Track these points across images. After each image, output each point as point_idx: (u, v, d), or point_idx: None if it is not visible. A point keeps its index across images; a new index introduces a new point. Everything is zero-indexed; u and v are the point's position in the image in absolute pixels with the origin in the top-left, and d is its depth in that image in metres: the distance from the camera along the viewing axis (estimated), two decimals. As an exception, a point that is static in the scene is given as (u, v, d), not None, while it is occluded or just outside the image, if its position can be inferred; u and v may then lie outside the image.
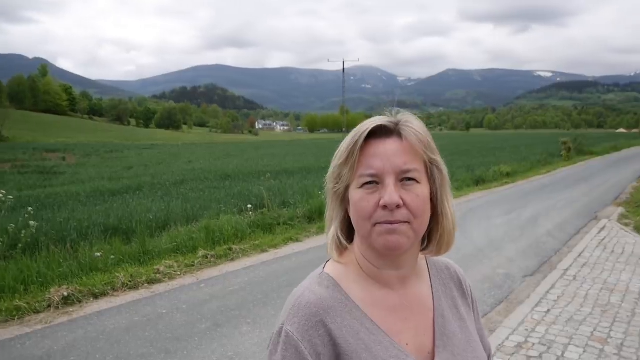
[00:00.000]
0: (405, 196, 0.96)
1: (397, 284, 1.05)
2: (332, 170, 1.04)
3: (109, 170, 25.03)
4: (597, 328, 5.17)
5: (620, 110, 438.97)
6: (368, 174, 0.97)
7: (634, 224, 10.72)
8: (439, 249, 1.08)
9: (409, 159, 0.98)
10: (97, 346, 4.86)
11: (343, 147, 1.01)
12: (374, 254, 1.02)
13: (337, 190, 1.04)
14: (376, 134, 1.00)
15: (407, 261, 1.05)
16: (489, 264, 7.91)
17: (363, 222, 0.98)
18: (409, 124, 1.01)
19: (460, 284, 1.21)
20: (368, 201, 0.96)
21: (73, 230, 8.36)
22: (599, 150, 40.23)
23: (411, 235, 0.97)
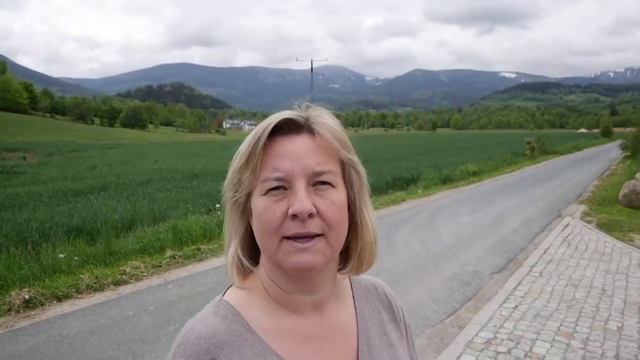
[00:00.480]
0: (318, 203, 0.81)
1: (310, 310, 0.90)
2: (230, 175, 0.88)
3: (72, 170, 24.46)
4: (563, 323, 5.27)
5: (581, 111, 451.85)
6: (273, 177, 0.81)
7: (596, 221, 11.01)
8: (359, 265, 0.93)
9: (322, 159, 0.83)
10: (60, 350, 4.71)
11: (243, 147, 0.85)
12: (282, 275, 0.86)
13: (237, 200, 0.87)
14: (283, 130, 0.84)
15: (323, 283, 0.89)
16: (457, 261, 7.99)
17: (268, 236, 0.81)
18: (322, 119, 0.86)
19: (390, 305, 1.05)
20: (274, 210, 0.80)
21: (34, 231, 8.14)
22: (562, 150, 41.29)
23: (327, 252, 0.82)
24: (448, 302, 6.14)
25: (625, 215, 11.53)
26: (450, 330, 5.26)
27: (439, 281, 6.95)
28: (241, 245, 0.90)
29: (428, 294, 6.42)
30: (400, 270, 7.39)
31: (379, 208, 13.14)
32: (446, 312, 5.79)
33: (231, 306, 0.88)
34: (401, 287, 6.61)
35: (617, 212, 12.04)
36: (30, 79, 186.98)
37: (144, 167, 25.88)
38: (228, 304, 0.89)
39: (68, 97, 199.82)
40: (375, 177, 17.67)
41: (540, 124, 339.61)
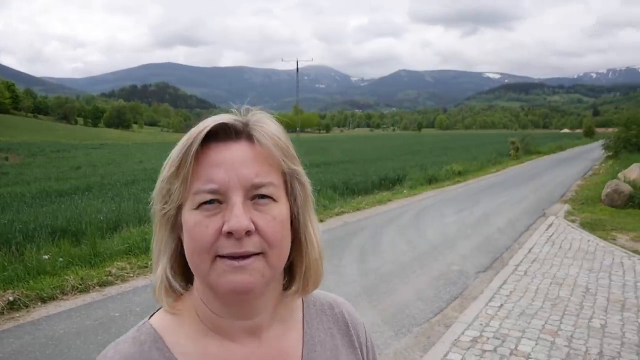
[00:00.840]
0: (257, 219, 0.72)
1: (246, 336, 0.80)
2: (158, 185, 0.77)
3: (55, 171, 24.17)
4: (548, 321, 5.33)
5: (565, 111, 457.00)
6: (207, 189, 0.72)
7: (579, 220, 11.14)
8: (305, 285, 0.83)
9: (262, 170, 0.74)
10: (46, 352, 4.67)
11: (174, 153, 0.75)
12: (215, 297, 0.76)
13: (166, 213, 0.77)
14: (219, 136, 0.75)
15: (262, 306, 0.79)
16: (443, 260, 8.05)
17: (200, 255, 0.72)
18: (263, 125, 0.77)
19: (347, 328, 0.93)
20: (206, 226, 0.71)
21: (18, 232, 8.04)
22: (545, 150, 41.71)
23: (266, 272, 0.73)
24: (434, 301, 6.19)
25: (608, 215, 11.69)
26: (436, 329, 5.30)
27: (425, 280, 6.99)
28: (171, 263, 0.79)
29: (414, 293, 6.46)
30: (386, 270, 7.43)
31: (365, 208, 13.19)
32: (432, 311, 5.83)
33: (154, 330, 0.79)
34: (388, 287, 6.65)
35: (600, 211, 12.21)
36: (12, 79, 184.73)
37: (128, 168, 25.68)
38: (151, 327, 0.80)
39: (51, 96, 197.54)
40: (361, 177, 17.75)
41: (524, 124, 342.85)
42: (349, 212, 12.53)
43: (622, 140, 27.86)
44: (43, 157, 37.08)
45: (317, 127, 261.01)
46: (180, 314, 0.80)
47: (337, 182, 16.24)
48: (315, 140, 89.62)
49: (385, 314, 5.71)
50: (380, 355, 4.68)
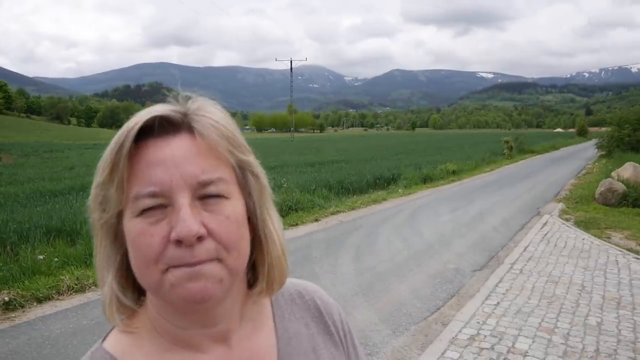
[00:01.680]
0: (208, 221, 0.64)
1: (213, 346, 0.73)
2: (93, 192, 0.67)
3: (49, 171, 24.05)
4: (545, 319, 5.35)
5: (558, 111, 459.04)
6: (147, 193, 0.63)
7: (574, 219, 11.19)
8: (269, 285, 0.76)
9: (208, 165, 0.65)
10: (42, 352, 4.64)
11: (105, 156, 0.66)
12: (171, 308, 0.69)
13: (105, 222, 0.67)
14: (155, 132, 0.66)
15: (225, 312, 0.72)
16: (439, 259, 8.07)
17: (147, 268, 0.63)
18: (204, 113, 0.68)
19: (321, 315, 0.88)
20: (151, 235, 0.62)
21: (12, 232, 7.98)
22: (539, 149, 41.87)
23: (225, 277, 0.65)
24: (431, 299, 6.20)
25: (602, 213, 11.74)
26: (434, 327, 5.31)
27: (421, 279, 7.00)
28: (118, 278, 0.70)
29: (411, 291, 6.47)
30: (383, 269, 7.43)
31: (360, 207, 13.20)
32: (429, 310, 5.84)
33: (109, 355, 0.72)
34: (384, 285, 6.66)
35: (594, 209, 12.27)
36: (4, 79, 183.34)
37: (122, 168, 25.59)
38: (106, 352, 0.72)
39: (44, 96, 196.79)
40: (356, 177, 17.75)
41: (517, 123, 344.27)
42: (344, 211, 12.54)
43: (615, 140, 27.97)
44: (36, 157, 36.94)
45: (311, 127, 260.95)
46: (137, 332, 0.72)
47: (332, 181, 16.25)
48: (309, 140, 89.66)
49: (382, 313, 5.71)
50: (378, 353, 4.69)
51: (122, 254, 0.69)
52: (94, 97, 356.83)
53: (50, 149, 48.28)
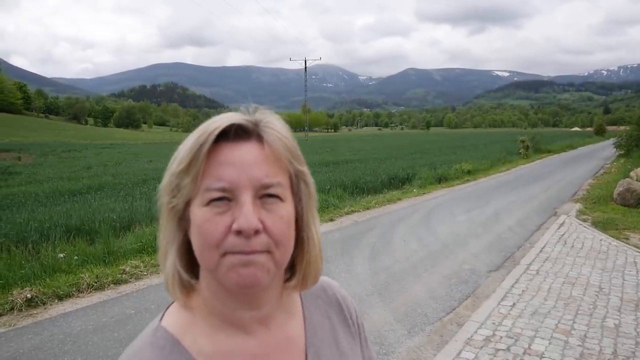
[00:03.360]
0: (265, 218, 0.74)
1: (256, 327, 0.83)
2: (167, 179, 0.78)
3: (67, 170, 24.41)
4: (561, 320, 5.33)
5: (575, 109, 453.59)
6: (217, 187, 0.73)
7: (591, 219, 11.09)
8: (304, 280, 0.86)
9: (271, 171, 0.75)
10: (64, 348, 4.74)
11: (184, 150, 0.76)
12: (223, 291, 0.79)
13: (174, 207, 0.77)
14: (229, 135, 0.76)
15: (268, 298, 0.83)
16: (454, 259, 8.06)
17: (209, 251, 0.73)
18: (272, 126, 0.78)
19: (341, 308, 0.99)
20: (216, 223, 0.73)
21: (34, 231, 8.15)
22: (556, 149, 41.46)
23: (271, 268, 0.75)
24: (446, 299, 6.20)
25: (620, 214, 11.62)
26: (449, 328, 5.31)
27: (437, 279, 7.01)
28: (179, 256, 0.79)
29: (426, 291, 6.48)
30: (398, 269, 7.45)
31: (375, 207, 13.21)
32: (445, 310, 5.85)
33: (170, 334, 0.80)
34: (399, 285, 6.67)
35: (612, 210, 12.14)
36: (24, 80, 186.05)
37: (139, 167, 25.88)
38: (166, 331, 0.81)
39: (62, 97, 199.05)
40: (371, 176, 17.74)
41: (533, 122, 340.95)
42: (359, 211, 12.56)
43: (634, 139, 27.63)
44: (55, 157, 37.43)
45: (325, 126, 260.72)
46: (191, 311, 0.82)
47: (347, 181, 16.25)
48: (323, 139, 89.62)
49: (398, 313, 5.73)
50: (393, 353, 4.71)
51: (184, 235, 0.79)
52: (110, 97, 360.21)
53: (68, 148, 48.86)
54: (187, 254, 0.79)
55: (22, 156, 37.38)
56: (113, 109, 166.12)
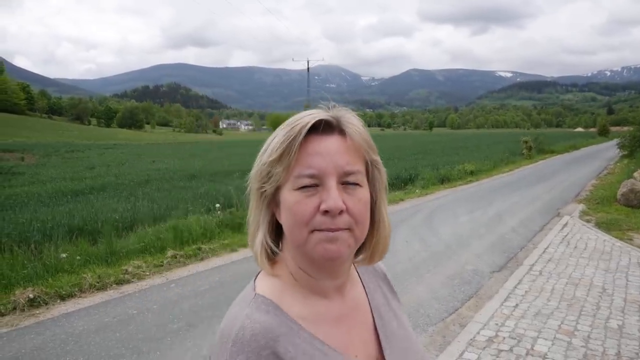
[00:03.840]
0: (347, 200, 0.86)
1: (334, 294, 0.97)
2: (259, 167, 0.91)
3: (70, 171, 24.43)
4: (564, 321, 5.31)
5: (578, 110, 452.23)
6: (307, 174, 0.86)
7: (595, 220, 11.05)
8: (372, 256, 1.00)
9: (352, 160, 0.88)
10: (66, 348, 4.74)
11: (276, 142, 0.88)
12: (309, 263, 0.91)
13: (265, 192, 0.91)
14: (316, 130, 0.88)
15: (345, 269, 0.96)
16: (457, 260, 8.04)
17: (299, 228, 0.86)
18: (351, 121, 0.91)
19: (386, 278, 1.17)
20: (306, 205, 0.85)
21: (36, 231, 8.16)
22: (559, 149, 41.35)
23: (352, 243, 0.88)
24: (449, 300, 6.18)
25: (623, 214, 11.58)
26: (452, 329, 5.30)
27: (439, 280, 6.99)
28: (268, 233, 0.94)
29: (429, 292, 6.46)
30: (400, 269, 7.43)
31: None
32: (447, 311, 5.83)
33: (269, 300, 0.91)
34: (402, 286, 6.65)
35: (616, 211, 12.10)
36: (27, 80, 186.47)
37: (142, 167, 25.89)
38: (265, 297, 0.91)
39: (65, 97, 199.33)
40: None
41: (536, 123, 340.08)
42: (362, 211, 12.52)
43: (638, 139, 27.52)
44: (58, 157, 37.47)
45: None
46: (279, 279, 0.95)
47: (349, 181, 16.20)
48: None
49: (401, 313, 5.71)
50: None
51: (271, 216, 0.94)
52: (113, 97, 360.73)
53: (71, 149, 48.89)
54: (273, 231, 0.95)
55: (25, 156, 37.40)
56: (116, 110, 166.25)
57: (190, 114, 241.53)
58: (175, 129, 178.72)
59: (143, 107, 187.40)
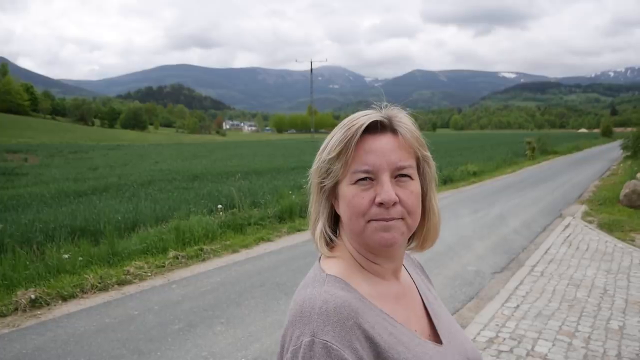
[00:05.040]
0: (399, 193, 0.95)
1: (390, 276, 1.06)
2: (318, 164, 1.01)
3: (73, 171, 24.47)
4: (565, 322, 5.31)
5: (582, 111, 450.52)
6: (363, 170, 0.95)
7: (597, 221, 11.03)
8: (423, 243, 1.09)
9: (403, 156, 0.97)
10: (67, 349, 4.76)
11: (334, 141, 0.98)
12: (367, 249, 1.01)
13: (325, 186, 1.01)
14: (370, 129, 0.97)
15: (400, 254, 1.06)
16: (459, 261, 8.04)
17: (357, 219, 0.96)
18: (402, 120, 1.01)
19: (422, 267, 1.29)
20: (362, 197, 0.95)
21: (39, 231, 8.18)
22: (562, 150, 41.30)
23: (405, 231, 0.97)
24: (450, 301, 6.18)
25: (626, 215, 11.55)
26: (454, 330, 5.28)
27: (441, 280, 6.98)
28: (327, 222, 1.04)
29: (430, 293, 6.44)
30: (402, 270, 7.42)
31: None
32: (448, 311, 5.82)
33: (340, 279, 0.99)
34: (403, 287, 6.64)
35: (618, 212, 12.06)
36: (31, 81, 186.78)
37: (145, 168, 25.90)
38: (335, 277, 0.99)
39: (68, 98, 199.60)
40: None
41: (540, 124, 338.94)
42: (364, 212, 12.52)
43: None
44: (61, 158, 37.56)
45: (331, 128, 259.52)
46: (342, 260, 1.03)
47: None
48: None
49: (401, 314, 5.71)
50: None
51: (330, 208, 1.04)
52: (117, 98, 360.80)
53: (74, 149, 49.03)
54: (332, 220, 1.05)
55: (28, 157, 37.51)
56: (119, 110, 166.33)
57: (194, 114, 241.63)
58: (178, 129, 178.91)
59: (146, 108, 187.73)
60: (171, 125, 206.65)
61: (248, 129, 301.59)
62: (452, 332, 1.11)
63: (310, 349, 0.85)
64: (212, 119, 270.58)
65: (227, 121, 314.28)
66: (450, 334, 1.10)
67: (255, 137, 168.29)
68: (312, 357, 0.84)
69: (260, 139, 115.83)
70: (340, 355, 0.84)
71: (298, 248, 8.79)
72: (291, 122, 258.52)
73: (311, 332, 0.87)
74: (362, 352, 0.87)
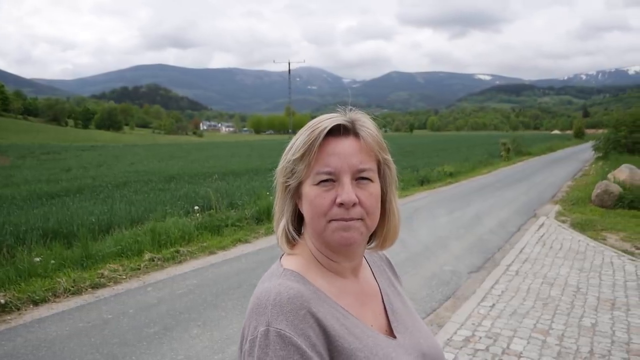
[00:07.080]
0: (359, 194, 0.99)
1: (350, 274, 1.10)
2: (284, 164, 1.05)
3: (46, 173, 24.02)
4: (539, 320, 5.37)
5: (555, 113, 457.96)
6: (325, 171, 0.99)
7: (570, 220, 11.21)
8: (383, 243, 1.14)
9: (364, 159, 1.01)
10: (38, 354, 4.65)
11: (299, 143, 1.01)
12: (328, 248, 1.05)
13: (289, 185, 1.05)
14: (333, 132, 1.01)
15: (359, 253, 1.10)
16: (435, 261, 8.09)
17: (318, 218, 1.00)
18: (365, 124, 1.04)
19: (389, 263, 1.32)
20: (324, 198, 0.99)
21: (9, 234, 8.00)
22: (536, 151, 41.92)
23: (364, 231, 1.01)
24: (427, 301, 6.22)
25: (598, 215, 11.77)
26: (429, 329, 5.31)
27: (418, 281, 7.02)
28: (290, 221, 1.08)
29: (407, 293, 6.44)
30: (379, 271, 7.43)
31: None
32: (425, 311, 5.86)
33: (296, 272, 1.03)
34: (381, 287, 6.66)
35: (591, 211, 12.28)
36: (1, 80, 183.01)
37: (120, 169, 25.56)
38: (293, 271, 1.04)
39: (41, 98, 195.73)
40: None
41: (515, 125, 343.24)
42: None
43: (612, 141, 27.99)
44: (33, 159, 36.78)
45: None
46: (301, 257, 1.07)
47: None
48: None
49: (378, 315, 5.71)
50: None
51: (294, 207, 1.08)
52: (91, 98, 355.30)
53: (47, 150, 48.09)
54: (295, 219, 1.09)
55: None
56: (94, 111, 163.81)
57: (170, 115, 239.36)
58: (154, 130, 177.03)
59: (122, 108, 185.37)
60: (147, 125, 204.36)
61: (225, 129, 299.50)
62: (408, 327, 1.15)
63: (266, 337, 0.90)
64: (189, 120, 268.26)
65: (204, 122, 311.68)
66: (407, 329, 1.13)
67: (233, 137, 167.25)
68: (268, 345, 0.89)
69: (238, 140, 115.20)
70: (294, 342, 0.89)
71: (275, 249, 8.68)
72: (269, 123, 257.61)
73: (266, 322, 0.91)
74: (315, 340, 0.92)
